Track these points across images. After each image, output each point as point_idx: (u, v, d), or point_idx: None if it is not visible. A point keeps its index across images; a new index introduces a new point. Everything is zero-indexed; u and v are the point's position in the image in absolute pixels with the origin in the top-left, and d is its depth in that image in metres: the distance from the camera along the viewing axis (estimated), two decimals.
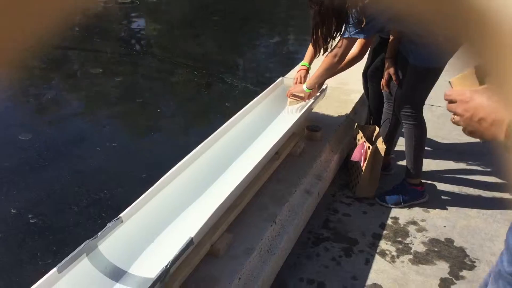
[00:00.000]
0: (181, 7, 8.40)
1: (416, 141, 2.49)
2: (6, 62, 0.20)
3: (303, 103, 2.58)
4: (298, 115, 2.39)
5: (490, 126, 0.80)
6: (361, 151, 2.51)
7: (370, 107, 2.96)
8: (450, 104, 0.90)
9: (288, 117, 2.58)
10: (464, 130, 0.88)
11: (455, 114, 0.89)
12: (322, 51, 2.43)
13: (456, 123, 0.89)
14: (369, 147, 2.46)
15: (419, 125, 2.47)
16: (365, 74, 2.94)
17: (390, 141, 2.76)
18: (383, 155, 2.49)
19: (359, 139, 2.65)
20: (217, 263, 1.68)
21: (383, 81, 2.58)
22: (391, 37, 2.49)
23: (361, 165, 2.53)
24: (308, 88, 2.47)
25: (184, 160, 1.95)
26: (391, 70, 2.48)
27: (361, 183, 2.59)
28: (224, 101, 4.58)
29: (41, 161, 3.24)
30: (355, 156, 2.56)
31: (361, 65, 3.71)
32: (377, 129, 2.67)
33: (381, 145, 2.48)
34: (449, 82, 0.95)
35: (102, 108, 4.33)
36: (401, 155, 3.08)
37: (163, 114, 4.33)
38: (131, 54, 5.90)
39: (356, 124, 2.75)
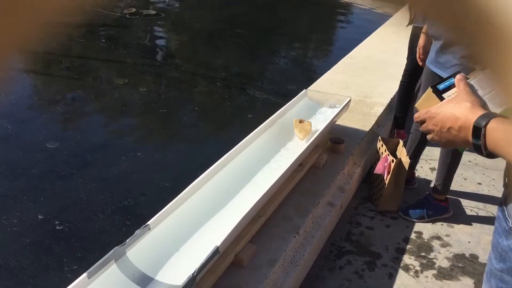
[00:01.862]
0: (203, 20, 8.52)
1: (452, 159, 2.45)
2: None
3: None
4: (321, 127, 2.40)
5: (458, 133, 0.87)
6: (385, 164, 2.50)
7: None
8: (422, 125, 0.97)
9: (312, 129, 2.59)
10: (441, 144, 0.95)
11: (428, 132, 0.96)
12: None
13: (432, 140, 0.96)
14: (392, 160, 2.45)
15: None
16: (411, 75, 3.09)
17: (415, 156, 2.74)
18: (406, 169, 2.48)
19: (382, 152, 2.64)
20: (241, 273, 1.69)
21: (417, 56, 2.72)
22: None
23: (385, 178, 2.52)
24: None
25: (210, 170, 1.98)
26: (421, 43, 2.61)
27: (384, 197, 2.57)
28: (246, 113, 4.61)
29: (68, 169, 3.32)
30: (378, 169, 2.55)
31: (384, 77, 3.72)
32: (401, 142, 2.67)
33: (405, 159, 2.47)
34: (415, 107, 1.06)
35: (127, 117, 4.42)
36: (424, 169, 3.06)
37: (186, 125, 4.38)
38: (155, 65, 6.00)
39: (379, 137, 2.75)
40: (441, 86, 1.00)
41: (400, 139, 2.70)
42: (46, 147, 3.61)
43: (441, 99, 0.98)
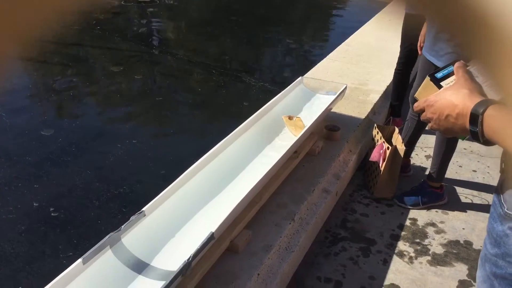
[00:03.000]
0: (199, 7, 8.45)
1: (447, 146, 2.46)
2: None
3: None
4: (317, 114, 2.40)
5: (456, 121, 0.87)
6: (380, 151, 2.51)
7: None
8: (422, 114, 0.97)
9: (307, 116, 2.59)
10: (441, 132, 0.95)
11: (428, 121, 0.96)
12: None
13: (431, 128, 0.96)
14: (388, 148, 2.45)
15: None
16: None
17: (411, 144, 2.75)
18: (402, 156, 2.49)
19: (378, 140, 2.64)
20: (236, 259, 1.70)
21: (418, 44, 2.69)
22: None
23: (380, 165, 2.52)
24: None
25: (205, 157, 1.97)
26: (423, 31, 2.59)
27: (379, 184, 2.58)
28: (241, 100, 4.60)
29: (63, 156, 3.30)
30: (373, 157, 2.55)
31: (380, 65, 3.71)
32: (396, 130, 2.67)
33: (400, 146, 2.47)
34: (414, 97, 1.07)
35: (122, 105, 4.39)
36: (420, 156, 3.07)
37: (181, 112, 4.37)
38: (150, 52, 5.96)
39: (375, 124, 2.75)
40: (439, 75, 0.99)
41: (396, 127, 2.70)
42: (41, 135, 3.59)
43: (439, 87, 0.98)
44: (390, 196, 2.63)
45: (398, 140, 2.56)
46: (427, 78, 1.00)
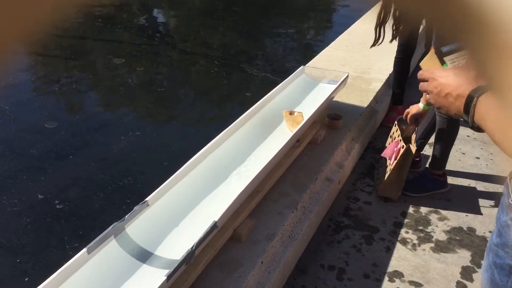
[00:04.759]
0: None
1: (447, 135, 2.44)
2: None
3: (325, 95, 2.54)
4: (319, 103, 2.40)
5: (454, 101, 0.88)
6: (394, 149, 2.39)
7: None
8: (422, 83, 0.97)
9: (309, 105, 2.59)
10: (435, 107, 0.96)
11: (426, 92, 0.97)
12: None
13: (427, 100, 0.97)
14: (403, 147, 2.32)
15: (453, 120, 2.40)
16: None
17: (425, 138, 2.70)
18: (412, 157, 2.36)
19: (395, 137, 2.51)
20: (239, 247, 1.71)
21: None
22: None
23: (390, 163, 2.43)
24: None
25: (207, 147, 1.98)
26: None
27: (386, 183, 2.46)
28: (244, 91, 4.60)
29: (67, 149, 3.32)
30: (386, 153, 2.45)
31: (383, 53, 3.69)
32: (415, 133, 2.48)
33: (413, 147, 2.34)
34: (419, 65, 1.07)
35: (125, 97, 4.40)
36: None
37: (184, 104, 4.37)
38: (152, 44, 5.95)
39: (397, 120, 2.56)
40: (445, 49, 1.00)
41: (415, 128, 2.48)
42: (44, 127, 3.61)
43: (442, 61, 0.98)
44: (395, 197, 2.50)
45: (413, 136, 2.41)
46: (432, 50, 1.01)
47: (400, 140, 2.41)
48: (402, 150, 2.33)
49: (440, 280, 2.01)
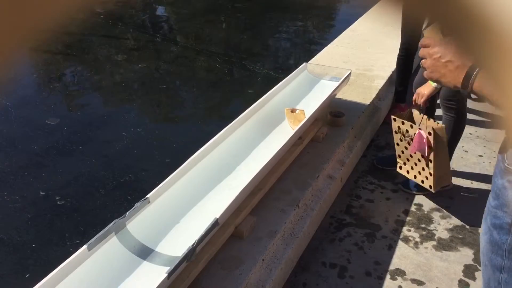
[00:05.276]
0: None
1: (452, 133, 2.42)
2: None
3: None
4: (321, 100, 2.39)
5: (454, 69, 0.87)
6: (423, 140, 2.18)
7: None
8: (423, 49, 0.95)
9: (311, 102, 2.58)
10: (428, 72, 0.94)
11: (424, 57, 0.95)
12: None
13: (422, 65, 0.95)
14: (430, 133, 2.14)
15: (459, 119, 2.38)
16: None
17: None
18: (444, 133, 2.17)
19: (406, 130, 2.30)
20: (241, 244, 1.70)
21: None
22: None
23: (426, 156, 2.22)
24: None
25: (209, 144, 1.97)
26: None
27: (435, 175, 2.23)
28: (246, 88, 4.59)
29: (68, 145, 3.32)
30: (414, 148, 2.23)
31: (385, 50, 3.68)
32: (415, 111, 2.33)
33: (436, 126, 2.14)
34: (422, 32, 1.05)
35: (127, 94, 4.39)
36: None
37: (186, 100, 4.37)
38: (154, 40, 5.94)
39: (393, 116, 2.38)
40: None
41: (412, 109, 2.35)
42: (46, 124, 3.60)
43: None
44: (450, 182, 2.39)
45: (425, 119, 2.21)
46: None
47: (419, 129, 2.20)
48: (431, 138, 2.14)
49: (442, 279, 2.00)
